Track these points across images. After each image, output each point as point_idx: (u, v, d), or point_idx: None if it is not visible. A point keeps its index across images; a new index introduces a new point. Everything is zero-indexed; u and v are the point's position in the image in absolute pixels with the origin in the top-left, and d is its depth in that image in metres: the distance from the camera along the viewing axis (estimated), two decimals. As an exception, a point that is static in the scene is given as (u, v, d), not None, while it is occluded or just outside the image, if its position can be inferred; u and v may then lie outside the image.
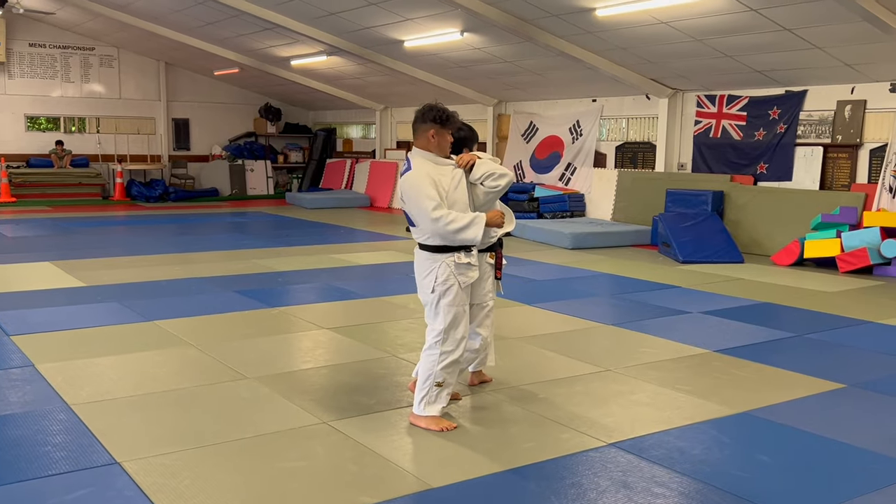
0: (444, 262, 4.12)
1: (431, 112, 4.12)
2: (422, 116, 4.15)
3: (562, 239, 11.25)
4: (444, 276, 4.11)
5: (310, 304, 7.33)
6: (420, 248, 4.21)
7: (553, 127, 14.36)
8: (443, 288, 4.12)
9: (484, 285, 4.48)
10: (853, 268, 9.16)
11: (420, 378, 4.21)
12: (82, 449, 3.81)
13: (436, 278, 4.12)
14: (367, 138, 19.81)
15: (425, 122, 4.13)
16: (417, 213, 4.04)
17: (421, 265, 4.21)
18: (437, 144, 4.14)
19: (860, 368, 5.40)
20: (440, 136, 4.13)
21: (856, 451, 3.94)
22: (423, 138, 4.15)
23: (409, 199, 4.07)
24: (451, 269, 4.12)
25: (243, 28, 14.07)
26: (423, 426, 4.14)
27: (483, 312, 4.54)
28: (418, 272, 4.23)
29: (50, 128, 18.28)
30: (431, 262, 4.14)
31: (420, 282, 4.22)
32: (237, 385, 4.86)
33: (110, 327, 6.24)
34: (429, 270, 4.15)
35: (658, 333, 6.25)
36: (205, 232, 12.78)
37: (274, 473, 3.58)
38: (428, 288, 4.15)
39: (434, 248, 4.13)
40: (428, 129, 4.13)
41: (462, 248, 4.14)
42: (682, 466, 3.70)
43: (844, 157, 10.50)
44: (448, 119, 4.13)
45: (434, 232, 4.04)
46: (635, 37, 10.34)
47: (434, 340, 4.16)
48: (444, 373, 4.16)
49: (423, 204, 3.99)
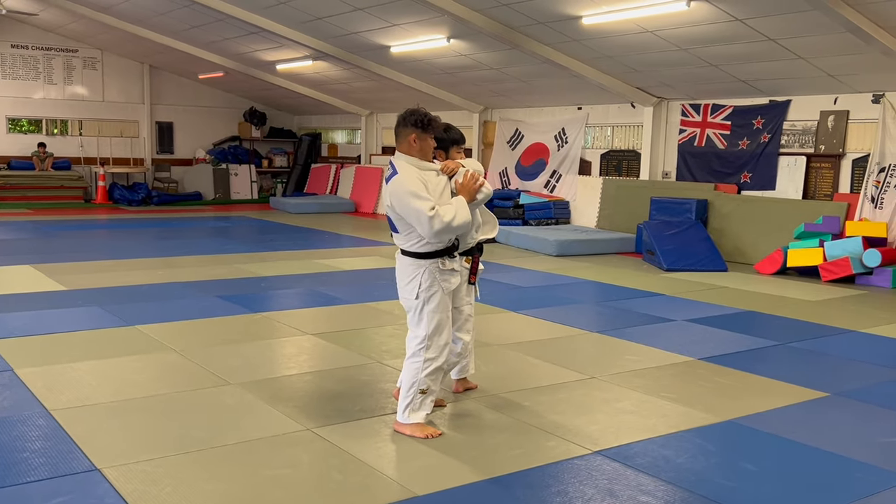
0: (427, 269, 4.09)
1: (413, 116, 4.10)
2: (403, 121, 4.12)
3: (546, 246, 11.26)
4: (429, 282, 4.09)
5: (294, 309, 7.29)
6: (403, 253, 4.18)
7: (538, 134, 14.39)
8: (427, 294, 4.09)
9: (461, 289, 4.42)
10: (835, 277, 9.22)
11: (404, 386, 4.18)
12: (62, 455, 3.76)
13: (420, 284, 4.09)
14: (352, 143, 19.77)
15: (407, 126, 4.10)
16: (413, 215, 3.96)
17: (404, 270, 4.17)
18: (419, 149, 4.11)
19: (843, 377, 5.43)
20: (422, 141, 4.11)
21: (840, 459, 3.95)
22: (405, 143, 4.12)
23: (401, 203, 4.00)
24: (435, 275, 4.10)
25: (229, 32, 14.01)
26: (408, 433, 4.11)
27: (462, 317, 4.50)
28: (400, 277, 4.20)
29: (32, 130, 18.11)
30: (415, 267, 4.11)
31: (402, 287, 4.19)
32: (220, 391, 4.81)
33: (91, 332, 6.17)
34: (412, 276, 4.11)
35: (642, 341, 6.25)
36: (188, 236, 12.69)
37: (257, 481, 3.54)
38: (411, 293, 4.12)
39: (418, 254, 4.10)
40: (409, 133, 4.09)
41: (446, 253, 4.12)
42: (667, 474, 3.70)
43: (827, 167, 10.59)
44: (429, 124, 4.11)
45: (432, 230, 3.94)
46: (621, 45, 10.39)
47: (418, 347, 4.13)
48: (429, 380, 4.13)
49: (418, 205, 3.93)
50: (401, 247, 4.18)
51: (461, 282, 4.36)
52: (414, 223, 3.99)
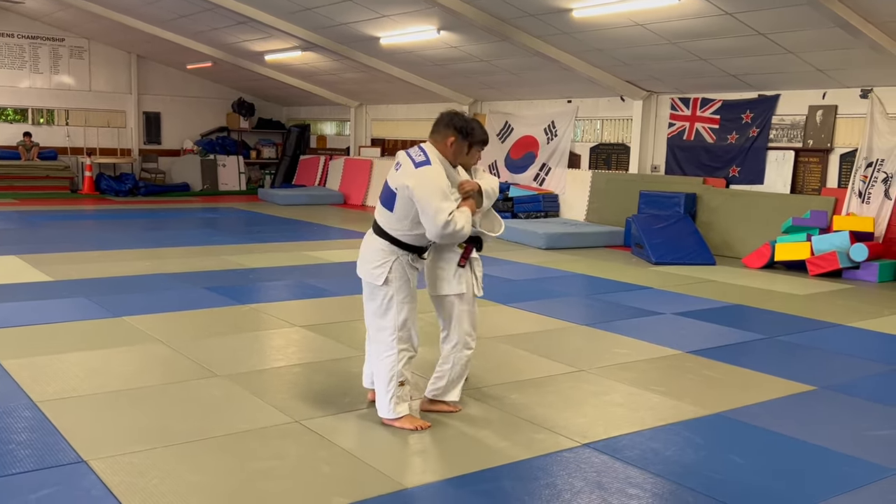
0: (400, 258, 4.05)
1: (459, 121, 4.08)
2: (448, 121, 4.09)
3: (536, 239, 11.26)
4: (399, 271, 4.04)
5: (282, 301, 7.26)
6: (379, 234, 4.10)
7: (528, 127, 14.38)
8: (398, 283, 4.03)
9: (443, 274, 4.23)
10: (823, 271, 9.27)
11: (382, 381, 4.09)
12: (48, 447, 3.73)
13: (390, 270, 4.02)
14: (341, 135, 19.70)
15: (449, 127, 4.07)
16: (431, 211, 3.88)
17: (375, 254, 4.08)
18: (452, 153, 4.08)
19: (830, 371, 5.45)
20: (458, 146, 4.07)
21: (827, 452, 3.97)
22: (442, 142, 4.08)
23: (425, 194, 3.90)
24: (405, 266, 4.06)
25: (217, 22, 13.91)
26: (399, 426, 4.10)
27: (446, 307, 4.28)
28: (369, 259, 4.09)
29: (17, 119, 17.95)
30: (388, 254, 4.04)
31: (369, 270, 4.07)
32: (207, 383, 4.78)
33: (77, 323, 6.12)
34: (382, 261, 4.04)
35: (631, 334, 6.26)
36: (175, 227, 12.63)
37: (245, 473, 3.53)
38: (378, 279, 4.03)
39: (397, 241, 4.05)
40: (449, 135, 4.06)
41: (420, 251, 4.09)
42: (655, 467, 3.70)
43: (815, 162, 10.63)
44: (471, 133, 4.08)
45: (441, 232, 3.90)
46: (611, 38, 10.38)
47: (391, 339, 4.06)
48: (406, 370, 4.10)
49: (441, 205, 3.88)
50: (383, 226, 4.09)
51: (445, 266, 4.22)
52: (427, 217, 3.91)
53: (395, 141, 17.85)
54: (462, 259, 4.20)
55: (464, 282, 4.20)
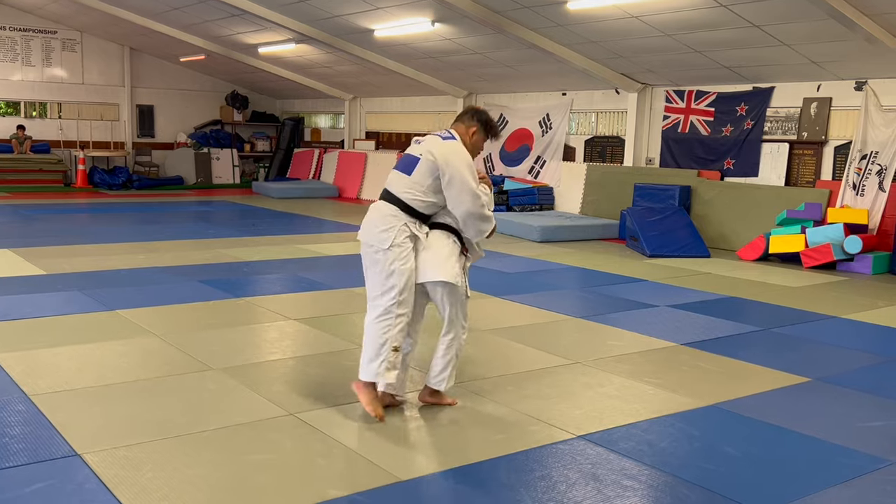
0: (406, 223, 4.13)
1: (485, 116, 4.38)
2: (476, 114, 4.37)
3: (530, 232, 11.26)
4: (404, 236, 4.12)
5: (276, 294, 7.25)
6: (388, 199, 4.18)
7: (523, 120, 14.36)
8: (400, 249, 4.08)
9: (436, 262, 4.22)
10: (817, 263, 9.29)
11: (373, 344, 4.06)
12: (41, 441, 3.71)
13: (396, 235, 4.09)
14: (335, 128, 19.66)
15: (474, 119, 4.35)
16: (462, 185, 4.08)
17: (383, 218, 4.14)
18: (472, 142, 4.32)
19: (824, 362, 5.47)
20: (478, 137, 4.34)
21: (821, 444, 3.98)
22: (466, 132, 4.32)
23: (456, 168, 4.09)
24: (410, 231, 4.13)
25: (210, 14, 13.85)
26: (364, 399, 4.09)
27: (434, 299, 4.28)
28: (376, 223, 4.15)
29: (10, 112, 17.86)
30: (395, 218, 4.12)
31: (376, 233, 4.11)
32: (202, 376, 4.77)
33: (71, 316, 6.10)
34: (390, 225, 4.11)
35: (626, 326, 6.27)
36: (169, 221, 12.59)
37: (240, 466, 3.52)
38: (384, 242, 4.08)
39: (406, 205, 4.14)
40: (474, 126, 4.33)
41: (424, 218, 4.21)
42: (650, 459, 3.71)
43: (810, 154, 10.64)
44: (492, 129, 4.39)
45: (465, 205, 4.09)
46: (606, 31, 10.36)
47: (390, 303, 4.06)
48: (400, 336, 4.09)
49: (468, 177, 4.11)
50: (395, 192, 4.17)
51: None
52: (455, 186, 4.09)
53: (389, 134, 17.82)
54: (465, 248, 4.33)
55: (459, 275, 4.21)
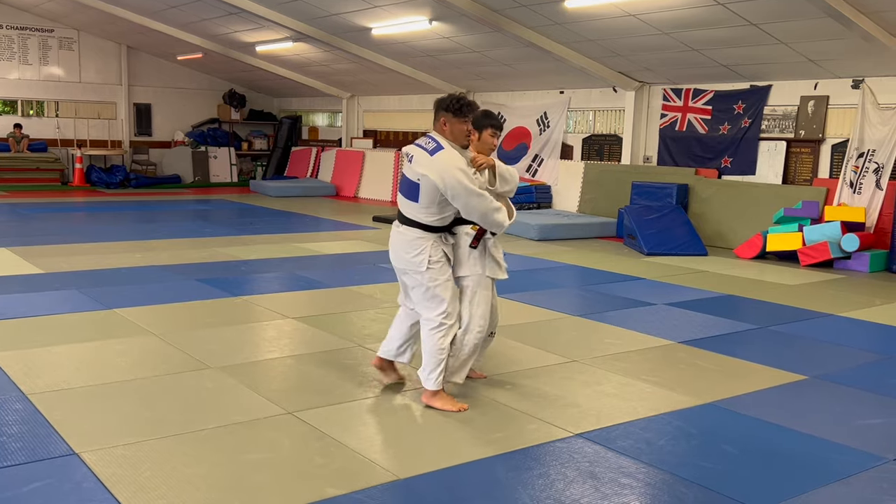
0: (434, 241, 4.19)
1: (445, 101, 4.22)
2: (437, 103, 4.25)
3: (528, 230, 11.26)
4: (438, 254, 4.18)
5: (274, 293, 7.25)
6: (410, 224, 4.21)
7: (521, 118, 14.36)
8: (438, 266, 4.17)
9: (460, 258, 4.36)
10: (814, 261, 9.30)
11: (431, 356, 4.20)
12: (39, 439, 3.71)
13: (430, 257, 4.16)
14: (333, 126, 19.64)
15: (439, 109, 4.24)
16: (462, 191, 4.03)
17: (411, 243, 4.20)
18: (449, 132, 4.23)
19: (821, 360, 5.48)
20: (451, 125, 4.22)
21: (819, 441, 3.99)
22: (438, 125, 4.26)
23: (451, 177, 4.03)
24: (441, 247, 4.20)
25: (207, 12, 13.83)
26: (439, 406, 4.23)
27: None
28: (406, 249, 4.21)
29: (7, 111, 17.83)
30: (423, 240, 4.18)
31: (409, 259, 4.20)
32: (200, 375, 4.77)
33: (69, 315, 6.10)
34: (420, 248, 4.18)
35: (623, 325, 6.27)
36: (166, 219, 12.58)
37: (238, 465, 3.52)
38: (420, 266, 4.16)
39: (428, 226, 4.18)
40: (440, 116, 4.23)
41: (448, 228, 4.25)
42: (648, 457, 3.71)
43: (807, 152, 10.65)
44: (460, 110, 4.20)
45: (478, 209, 4.08)
46: (603, 29, 10.36)
47: (441, 316, 4.18)
48: (449, 346, 4.23)
49: (466, 183, 4.05)
50: (411, 217, 4.20)
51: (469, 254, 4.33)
52: (460, 200, 4.06)
53: (387, 132, 17.81)
54: (474, 241, 4.30)
55: (479, 263, 4.30)
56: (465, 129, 4.22)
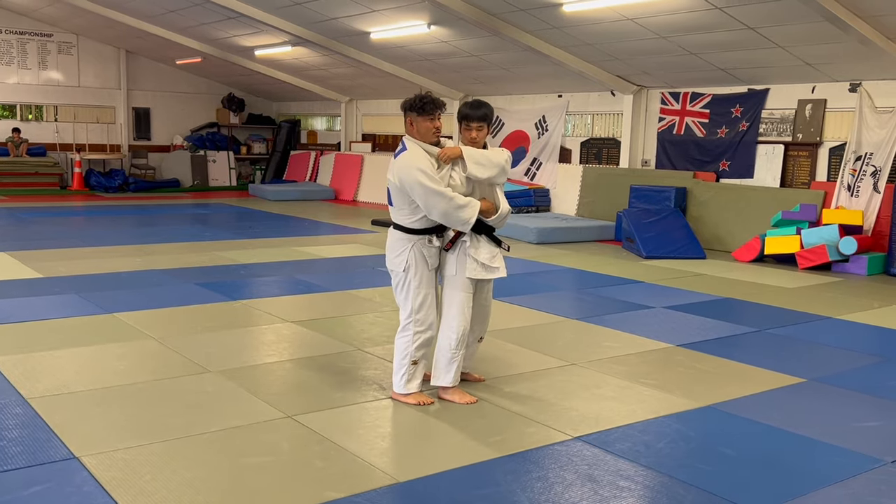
0: (415, 244, 4.29)
1: (407, 101, 4.30)
2: (403, 104, 4.34)
3: (527, 234, 11.28)
4: (417, 257, 4.28)
5: (273, 297, 7.25)
6: (395, 227, 4.36)
7: (519, 122, 14.39)
8: (414, 269, 4.29)
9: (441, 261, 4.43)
10: (812, 264, 9.31)
11: (397, 358, 4.40)
12: (39, 443, 3.72)
13: (407, 259, 4.28)
14: (331, 130, 19.66)
15: (404, 110, 4.32)
16: (419, 190, 4.11)
17: (394, 244, 4.36)
18: (416, 131, 4.29)
19: (820, 363, 5.49)
20: (417, 124, 4.27)
21: (817, 444, 4.00)
22: (409, 130, 4.32)
23: (408, 178, 4.13)
24: (422, 251, 4.29)
25: (206, 16, 13.85)
26: (403, 401, 4.38)
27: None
28: (390, 249, 4.39)
29: (6, 115, 17.85)
30: (404, 242, 4.30)
31: (391, 259, 4.37)
32: (199, 379, 4.78)
33: (68, 319, 6.10)
34: (401, 250, 4.31)
35: (622, 328, 6.29)
36: (165, 223, 12.59)
37: (238, 469, 3.53)
38: (399, 266, 4.31)
39: (409, 229, 4.29)
40: (406, 116, 4.31)
41: (434, 231, 4.29)
42: (647, 460, 3.72)
43: (805, 156, 10.67)
44: (423, 107, 4.23)
45: (437, 208, 4.10)
46: (601, 33, 10.39)
47: (406, 321, 4.36)
48: (418, 352, 4.35)
49: (425, 181, 4.10)
50: (394, 219, 4.36)
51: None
52: (419, 198, 4.14)
53: (385, 136, 17.83)
54: (448, 243, 4.37)
55: (452, 265, 4.36)
56: (431, 126, 4.25)
